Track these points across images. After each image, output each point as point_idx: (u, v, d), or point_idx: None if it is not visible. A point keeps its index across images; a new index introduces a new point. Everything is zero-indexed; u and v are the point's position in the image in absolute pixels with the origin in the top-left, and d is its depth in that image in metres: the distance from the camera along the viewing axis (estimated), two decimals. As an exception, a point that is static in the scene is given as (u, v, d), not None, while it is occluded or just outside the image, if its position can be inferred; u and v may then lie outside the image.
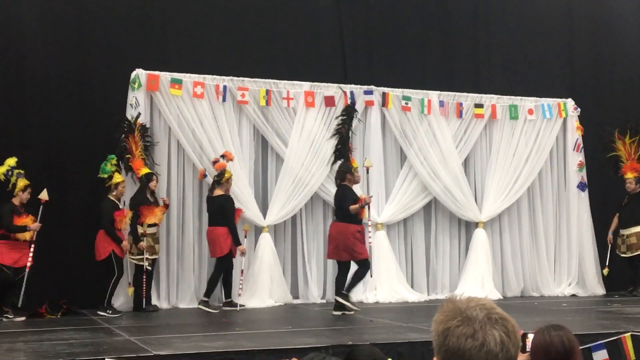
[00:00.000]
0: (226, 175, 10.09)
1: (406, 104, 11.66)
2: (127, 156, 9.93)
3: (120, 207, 9.81)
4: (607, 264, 11.73)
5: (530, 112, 12.34)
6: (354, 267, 9.37)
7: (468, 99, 12.13)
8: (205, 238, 10.28)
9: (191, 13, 11.05)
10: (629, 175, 11.69)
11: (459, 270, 11.89)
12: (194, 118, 10.52)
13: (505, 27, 12.86)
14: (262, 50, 11.34)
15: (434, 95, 11.88)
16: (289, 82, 11.13)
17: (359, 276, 9.37)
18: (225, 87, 10.73)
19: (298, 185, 10.91)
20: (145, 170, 9.93)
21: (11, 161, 9.36)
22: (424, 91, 11.83)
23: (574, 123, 12.58)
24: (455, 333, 1.86)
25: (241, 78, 10.87)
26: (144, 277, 9.70)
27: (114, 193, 9.78)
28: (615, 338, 6.52)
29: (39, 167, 10.06)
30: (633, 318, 8.44)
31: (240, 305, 9.93)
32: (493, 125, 12.25)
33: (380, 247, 11.17)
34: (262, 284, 10.50)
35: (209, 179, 10.35)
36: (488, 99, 12.21)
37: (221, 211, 9.98)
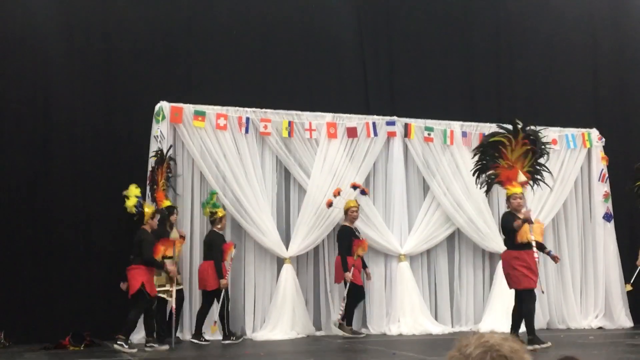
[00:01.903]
0: (346, 205, 10.55)
1: (429, 134, 11.66)
2: (154, 187, 10.02)
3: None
4: (631, 281, 11.29)
5: (554, 142, 12.26)
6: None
7: (491, 129, 12.04)
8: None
9: (214, 46, 11.18)
10: None
11: (483, 302, 11.76)
12: (217, 150, 10.59)
13: (528, 56, 12.85)
14: (284, 81, 11.43)
15: (456, 126, 11.87)
16: (311, 113, 11.18)
17: (525, 312, 8.80)
18: (248, 118, 10.80)
19: (320, 216, 10.89)
20: (167, 203, 9.99)
21: (136, 191, 9.48)
22: (447, 122, 11.82)
23: (598, 153, 12.48)
24: None
25: (264, 110, 10.94)
26: (173, 307, 9.69)
27: (219, 226, 10.00)
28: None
29: (63, 199, 10.17)
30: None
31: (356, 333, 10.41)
32: (517, 156, 12.15)
33: (403, 278, 11.12)
34: (284, 316, 10.45)
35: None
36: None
37: (337, 240, 10.50)
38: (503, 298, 11.43)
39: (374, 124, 11.39)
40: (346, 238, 10.51)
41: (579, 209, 12.39)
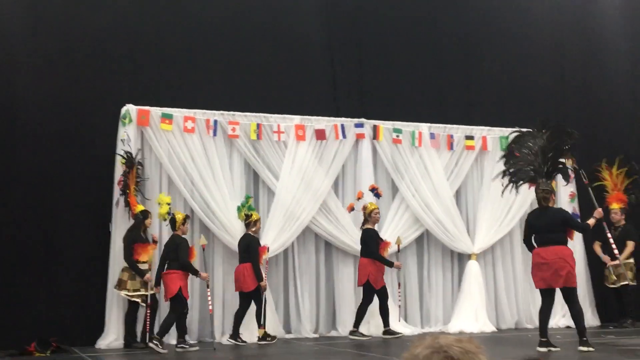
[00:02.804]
0: (368, 208, 10.66)
1: (397, 136, 11.70)
2: (127, 191, 9.94)
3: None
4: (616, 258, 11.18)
5: (522, 143, 12.35)
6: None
7: (459, 131, 12.17)
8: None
9: (181, 48, 11.11)
10: (615, 206, 11.72)
11: (452, 303, 11.82)
12: (184, 153, 10.53)
13: (496, 59, 12.95)
14: (252, 84, 11.39)
15: (424, 128, 11.92)
16: (280, 115, 11.17)
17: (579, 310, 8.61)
18: (215, 121, 10.75)
19: (290, 218, 10.87)
20: (140, 207, 9.93)
21: (167, 198, 9.89)
22: (415, 123, 11.88)
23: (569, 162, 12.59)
24: None
25: (232, 112, 10.90)
26: (148, 312, 9.66)
27: (254, 229, 10.28)
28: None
29: (29, 203, 10.04)
30: (626, 349, 8.40)
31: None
32: (484, 157, 12.27)
33: (372, 280, 11.13)
34: (253, 319, 10.40)
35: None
36: (479, 131, 12.25)
37: (362, 243, 10.56)
38: (472, 299, 11.53)
39: (342, 126, 11.40)
40: (374, 239, 10.56)
41: (546, 210, 12.48)
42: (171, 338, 9.85)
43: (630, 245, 11.52)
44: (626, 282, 11.39)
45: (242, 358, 8.57)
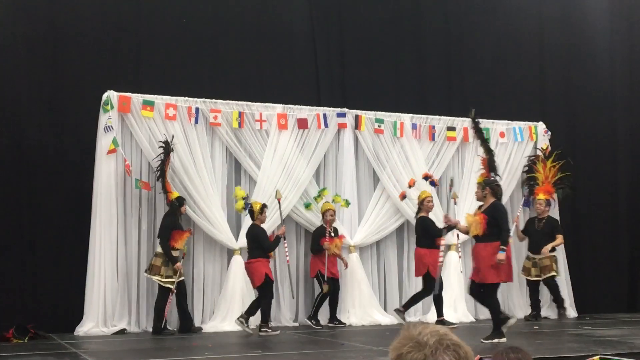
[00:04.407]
0: (420, 196, 10.64)
1: (379, 126, 11.72)
2: (163, 178, 9.98)
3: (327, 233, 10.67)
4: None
5: (502, 135, 12.44)
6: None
7: (440, 121, 12.21)
8: None
9: (163, 35, 11.04)
10: (540, 197, 11.75)
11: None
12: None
13: (478, 51, 13.00)
14: (234, 72, 11.36)
15: (406, 118, 11.95)
16: (262, 104, 11.13)
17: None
18: (197, 109, 10.70)
19: (271, 207, 10.85)
20: (176, 194, 9.93)
21: (242, 193, 10.14)
22: (397, 114, 11.90)
23: (544, 146, 12.69)
24: (407, 359, 1.88)
25: (214, 100, 10.85)
26: (170, 299, 9.72)
27: (323, 220, 10.70)
28: (584, 361, 6.54)
29: (9, 190, 9.96)
30: (602, 341, 8.49)
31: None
32: (465, 148, 12.32)
33: (352, 269, 11.16)
34: (234, 307, 10.42)
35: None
36: (460, 122, 12.28)
37: (422, 233, 10.43)
38: (451, 289, 11.58)
39: (324, 115, 11.40)
40: (432, 229, 10.36)
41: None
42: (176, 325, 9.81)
43: (559, 239, 11.52)
44: (552, 274, 11.40)
45: (219, 346, 8.57)
